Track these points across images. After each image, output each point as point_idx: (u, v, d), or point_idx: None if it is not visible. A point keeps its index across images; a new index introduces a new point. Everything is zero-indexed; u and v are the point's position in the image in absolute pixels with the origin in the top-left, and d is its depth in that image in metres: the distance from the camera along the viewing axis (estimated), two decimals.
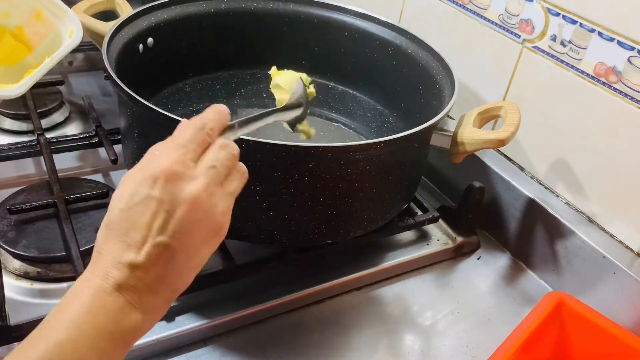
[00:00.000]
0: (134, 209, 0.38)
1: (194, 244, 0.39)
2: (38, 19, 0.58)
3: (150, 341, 0.56)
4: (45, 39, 0.58)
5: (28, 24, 0.57)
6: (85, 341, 0.34)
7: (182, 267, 0.39)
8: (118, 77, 0.58)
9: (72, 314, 0.35)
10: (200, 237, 0.39)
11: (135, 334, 0.38)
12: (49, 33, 0.58)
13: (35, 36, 0.58)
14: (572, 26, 0.66)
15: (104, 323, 0.35)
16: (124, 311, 0.36)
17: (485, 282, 0.72)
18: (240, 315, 0.61)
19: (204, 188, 0.39)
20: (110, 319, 0.36)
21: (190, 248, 0.39)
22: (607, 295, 0.64)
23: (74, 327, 0.35)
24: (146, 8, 0.73)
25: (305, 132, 0.64)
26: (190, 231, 0.39)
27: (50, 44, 0.58)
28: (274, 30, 0.84)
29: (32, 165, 0.79)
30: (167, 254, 0.38)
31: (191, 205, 0.38)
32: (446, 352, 0.62)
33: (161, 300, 0.39)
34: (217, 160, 0.41)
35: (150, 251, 0.37)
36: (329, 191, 0.58)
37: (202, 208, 0.39)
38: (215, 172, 0.40)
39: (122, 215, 0.38)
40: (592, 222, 0.69)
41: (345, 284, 0.67)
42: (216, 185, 0.40)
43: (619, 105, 0.63)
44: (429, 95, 0.74)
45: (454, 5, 0.81)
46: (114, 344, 0.36)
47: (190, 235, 0.39)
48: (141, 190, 0.38)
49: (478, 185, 0.73)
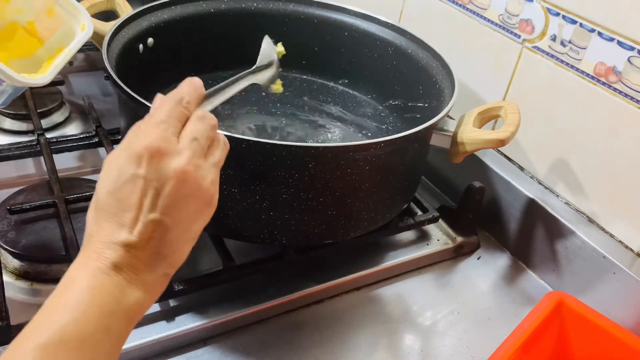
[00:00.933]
0: (122, 189, 0.38)
1: (187, 217, 0.40)
2: (49, 14, 0.60)
3: (151, 341, 0.56)
4: (56, 32, 0.59)
5: (39, 19, 0.59)
6: (88, 322, 0.35)
7: (177, 241, 0.39)
8: (118, 77, 0.58)
9: (72, 297, 0.35)
10: (191, 210, 0.40)
11: (138, 310, 0.38)
12: (60, 27, 0.59)
13: (46, 31, 0.60)
14: (572, 26, 0.66)
15: (105, 302, 0.36)
16: (123, 290, 0.37)
17: (485, 282, 0.72)
18: (240, 315, 0.61)
19: (189, 161, 0.39)
20: (111, 298, 0.36)
21: (183, 222, 0.39)
22: (607, 295, 0.64)
23: (75, 309, 0.35)
24: (146, 8, 0.73)
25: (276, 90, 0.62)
26: (181, 205, 0.39)
27: (62, 37, 0.60)
28: (274, 30, 0.84)
29: (32, 165, 0.79)
30: (161, 230, 0.38)
31: (179, 180, 0.38)
32: (446, 352, 0.62)
33: (160, 276, 0.39)
34: (197, 132, 0.41)
35: (143, 229, 0.37)
36: (329, 191, 0.58)
37: (190, 181, 0.39)
38: (197, 144, 0.40)
39: (111, 196, 0.38)
40: (592, 222, 0.69)
41: (345, 284, 0.67)
42: (200, 158, 0.40)
43: (619, 105, 0.63)
44: (429, 95, 0.74)
45: (454, 5, 0.81)
46: (118, 321, 0.36)
47: (181, 209, 0.39)
48: (127, 170, 0.38)
49: (478, 185, 0.73)
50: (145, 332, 0.57)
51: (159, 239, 0.38)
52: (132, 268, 0.37)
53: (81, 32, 0.60)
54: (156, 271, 0.39)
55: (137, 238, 0.37)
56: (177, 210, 0.39)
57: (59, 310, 0.35)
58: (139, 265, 0.38)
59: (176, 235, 0.39)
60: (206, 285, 0.61)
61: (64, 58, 0.59)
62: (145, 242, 0.38)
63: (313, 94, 0.85)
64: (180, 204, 0.39)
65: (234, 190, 0.57)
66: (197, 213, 0.40)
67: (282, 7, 0.83)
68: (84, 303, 0.35)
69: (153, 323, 0.58)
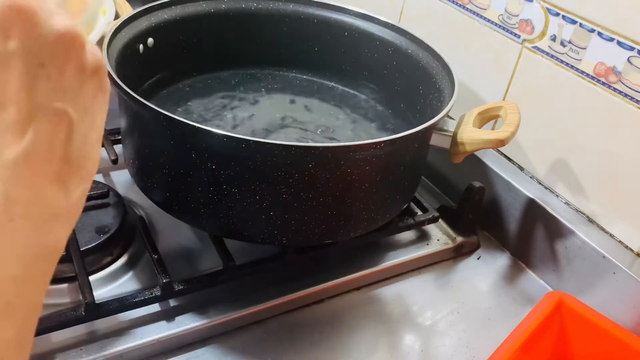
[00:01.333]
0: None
1: (85, 100, 0.30)
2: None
3: (150, 341, 0.56)
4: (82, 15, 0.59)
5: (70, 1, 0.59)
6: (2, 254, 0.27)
7: (87, 141, 0.30)
8: (118, 77, 0.58)
9: None
10: (89, 91, 0.30)
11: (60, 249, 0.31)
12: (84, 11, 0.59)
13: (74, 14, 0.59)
14: (572, 26, 0.66)
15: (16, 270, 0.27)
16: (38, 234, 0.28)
17: (485, 282, 0.72)
18: (240, 315, 0.61)
19: (69, 19, 0.28)
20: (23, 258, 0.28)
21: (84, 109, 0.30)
22: (607, 295, 0.64)
23: None
24: (146, 8, 0.73)
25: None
26: (77, 83, 0.29)
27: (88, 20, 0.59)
28: (274, 30, 0.84)
29: None
30: (64, 124, 0.28)
31: (66, 47, 0.27)
32: (446, 352, 0.62)
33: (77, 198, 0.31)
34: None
35: (41, 128, 0.27)
36: (329, 191, 0.58)
37: (77, 46, 0.28)
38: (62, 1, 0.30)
39: None
40: (592, 222, 0.69)
41: (345, 284, 0.67)
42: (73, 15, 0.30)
43: (619, 105, 0.63)
44: (429, 95, 0.74)
45: (454, 5, 0.81)
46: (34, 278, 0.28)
47: (78, 88, 0.29)
48: None
49: (478, 185, 0.73)
50: (145, 332, 0.57)
51: (64, 140, 0.28)
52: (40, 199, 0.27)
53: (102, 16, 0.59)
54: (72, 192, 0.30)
55: (30, 144, 0.26)
56: (77, 92, 0.29)
57: None
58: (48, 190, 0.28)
59: (84, 130, 0.30)
60: (206, 285, 0.61)
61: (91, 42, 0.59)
62: (46, 148, 0.27)
63: (313, 94, 0.85)
64: (77, 83, 0.29)
65: (234, 190, 0.57)
66: (94, 96, 0.31)
67: (282, 7, 0.83)
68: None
69: (153, 323, 0.58)
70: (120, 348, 0.55)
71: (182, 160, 0.57)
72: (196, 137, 0.54)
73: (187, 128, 0.53)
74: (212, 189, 0.57)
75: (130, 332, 0.57)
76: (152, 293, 0.58)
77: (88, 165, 0.31)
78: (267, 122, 0.77)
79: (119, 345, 0.55)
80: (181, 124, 0.53)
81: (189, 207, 0.60)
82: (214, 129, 0.53)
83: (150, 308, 0.59)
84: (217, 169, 0.56)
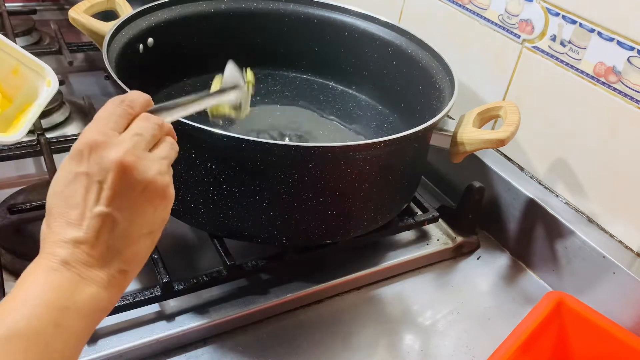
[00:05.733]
0: (67, 189, 0.38)
1: (135, 208, 0.39)
2: (15, 74, 0.63)
3: (150, 341, 0.56)
4: (21, 90, 0.63)
5: (6, 80, 0.63)
6: (38, 317, 0.34)
7: (129, 234, 0.39)
8: (118, 77, 0.58)
9: (22, 295, 0.35)
10: (140, 201, 0.39)
11: (94, 306, 0.37)
12: (25, 85, 0.64)
13: (13, 89, 0.64)
14: (571, 26, 0.66)
15: (55, 298, 0.35)
16: (75, 286, 0.36)
17: (485, 282, 0.72)
18: (240, 315, 0.61)
19: (127, 151, 0.38)
20: (61, 294, 0.36)
21: (132, 213, 0.39)
22: (607, 295, 0.64)
23: (25, 305, 0.35)
24: (146, 8, 0.74)
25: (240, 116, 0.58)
26: (125, 195, 0.38)
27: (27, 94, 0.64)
28: (274, 30, 0.84)
29: (32, 165, 0.79)
30: (109, 222, 0.38)
31: (118, 169, 0.38)
32: (446, 352, 0.62)
33: (115, 272, 0.39)
34: (140, 128, 0.41)
35: (91, 224, 0.37)
36: (329, 191, 0.58)
37: (132, 170, 0.38)
38: (140, 138, 0.40)
39: (57, 197, 0.38)
40: (591, 222, 0.69)
41: (345, 284, 0.67)
42: (142, 150, 0.40)
43: (618, 105, 0.63)
44: (429, 95, 0.74)
45: (454, 5, 0.81)
46: (70, 317, 0.36)
47: (127, 199, 0.39)
48: (70, 169, 0.38)
49: (478, 185, 0.73)
50: (145, 332, 0.57)
51: (108, 232, 0.38)
52: (83, 264, 0.37)
53: (47, 87, 0.63)
54: (110, 266, 0.38)
55: (84, 233, 0.37)
56: (123, 201, 0.38)
57: (10, 307, 0.35)
58: (91, 261, 0.37)
59: (127, 228, 0.39)
60: (206, 285, 0.61)
61: (35, 114, 0.62)
62: (94, 236, 0.37)
63: (313, 94, 0.85)
64: (124, 195, 0.38)
65: (234, 190, 0.57)
66: (148, 204, 0.40)
67: (282, 7, 0.83)
68: (34, 298, 0.35)
69: (153, 323, 0.58)
70: (120, 348, 0.55)
71: (182, 160, 0.57)
72: (196, 137, 0.54)
73: (187, 128, 0.53)
74: (212, 189, 0.57)
75: (130, 332, 0.57)
76: (152, 293, 0.58)
77: (131, 252, 0.39)
78: (267, 122, 0.77)
79: (119, 345, 0.55)
80: (181, 124, 0.53)
81: (188, 207, 0.60)
82: (214, 129, 0.53)
83: (150, 308, 0.59)
84: (217, 169, 0.56)
